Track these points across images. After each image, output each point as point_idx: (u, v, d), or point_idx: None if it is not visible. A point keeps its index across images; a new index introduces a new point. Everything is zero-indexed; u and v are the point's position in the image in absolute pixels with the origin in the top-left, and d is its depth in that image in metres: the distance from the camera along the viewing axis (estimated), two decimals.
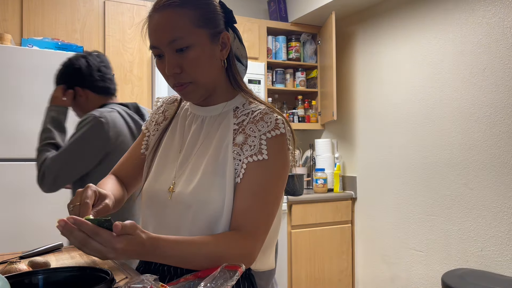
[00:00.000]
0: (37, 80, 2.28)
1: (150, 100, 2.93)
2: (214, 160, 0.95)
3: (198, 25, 0.92)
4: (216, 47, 0.96)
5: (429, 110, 2.72)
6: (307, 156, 3.68)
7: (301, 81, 3.58)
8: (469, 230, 2.46)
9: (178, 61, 0.92)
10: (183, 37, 0.90)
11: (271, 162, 0.92)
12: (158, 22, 0.92)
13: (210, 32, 0.94)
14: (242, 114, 0.99)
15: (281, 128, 0.94)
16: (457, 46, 2.55)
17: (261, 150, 0.92)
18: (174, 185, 0.98)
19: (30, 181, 2.25)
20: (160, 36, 0.92)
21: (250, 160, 0.92)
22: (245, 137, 0.95)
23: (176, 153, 1.04)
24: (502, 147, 2.30)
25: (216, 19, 0.96)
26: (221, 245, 0.87)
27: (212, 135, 0.99)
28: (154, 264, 1.00)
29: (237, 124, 0.98)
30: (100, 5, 2.82)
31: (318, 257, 3.16)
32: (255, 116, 0.96)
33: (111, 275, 0.80)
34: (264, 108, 0.98)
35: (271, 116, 0.95)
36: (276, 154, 0.93)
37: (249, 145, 0.93)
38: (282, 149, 0.94)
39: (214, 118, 1.02)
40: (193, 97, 0.98)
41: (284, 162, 0.95)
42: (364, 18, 3.27)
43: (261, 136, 0.93)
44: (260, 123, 0.95)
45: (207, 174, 0.94)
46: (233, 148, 0.95)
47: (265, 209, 0.92)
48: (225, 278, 0.77)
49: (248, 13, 3.61)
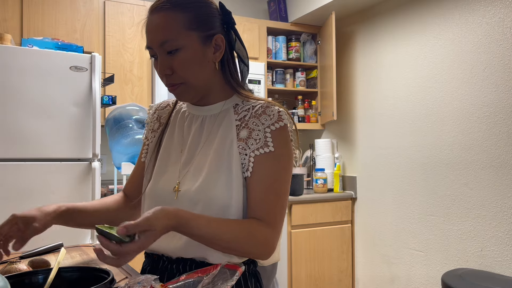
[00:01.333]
0: (37, 80, 2.28)
1: (150, 100, 2.93)
2: (219, 157, 0.96)
3: (189, 27, 0.93)
4: (208, 50, 0.97)
5: (429, 110, 2.72)
6: (307, 156, 3.68)
7: (301, 81, 3.58)
8: (469, 230, 2.46)
9: (169, 62, 0.94)
10: (173, 39, 0.92)
11: (278, 153, 0.95)
12: (152, 24, 0.94)
13: (202, 35, 0.95)
14: (242, 110, 1.00)
15: (284, 120, 0.96)
16: (457, 46, 2.55)
17: (267, 143, 0.94)
18: (179, 185, 0.98)
19: (30, 181, 2.26)
20: (153, 37, 0.94)
21: (257, 153, 0.94)
22: (249, 132, 0.96)
23: (177, 154, 1.04)
24: (502, 147, 2.30)
25: (210, 21, 0.97)
26: (249, 227, 0.90)
27: (214, 133, 1.00)
28: (162, 262, 1.00)
29: (239, 120, 0.99)
30: (100, 5, 2.82)
31: (318, 257, 3.16)
32: (256, 111, 0.98)
33: (111, 275, 0.80)
34: (264, 102, 1.00)
35: (273, 109, 0.97)
36: (281, 145, 0.96)
37: (254, 139, 0.95)
38: (287, 140, 0.97)
39: (215, 116, 1.02)
40: (185, 97, 1.00)
41: (290, 152, 0.98)
42: (364, 18, 3.27)
43: (265, 129, 0.95)
44: (263, 117, 0.96)
45: (213, 170, 0.95)
46: (238, 143, 0.96)
47: (279, 200, 0.95)
48: (225, 278, 0.77)
49: (248, 13, 3.61)
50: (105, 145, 2.89)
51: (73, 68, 2.36)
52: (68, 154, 2.35)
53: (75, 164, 2.36)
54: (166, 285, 0.76)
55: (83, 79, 2.39)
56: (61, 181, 2.32)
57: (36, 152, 2.27)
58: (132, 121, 2.54)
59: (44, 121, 2.28)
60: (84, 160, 2.39)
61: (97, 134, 2.39)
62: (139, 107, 2.66)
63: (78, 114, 2.37)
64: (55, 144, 2.31)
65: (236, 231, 0.88)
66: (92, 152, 2.39)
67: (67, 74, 2.35)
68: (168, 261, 0.98)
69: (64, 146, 2.33)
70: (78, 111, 2.37)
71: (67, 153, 2.34)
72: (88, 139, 2.39)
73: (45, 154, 2.29)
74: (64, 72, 2.34)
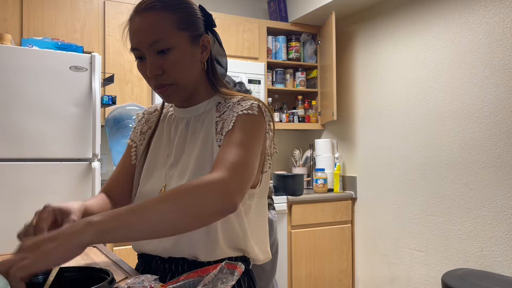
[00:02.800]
0: (37, 80, 2.28)
1: (150, 100, 2.93)
2: (202, 155, 0.97)
3: (179, 27, 0.94)
4: (196, 50, 0.97)
5: (429, 110, 2.72)
6: (307, 156, 3.68)
7: (301, 81, 3.58)
8: (469, 230, 2.46)
9: (159, 62, 0.93)
10: (164, 39, 0.92)
11: (236, 128, 0.91)
12: (140, 25, 0.93)
13: (191, 35, 0.96)
14: (224, 107, 1.01)
15: (254, 111, 0.94)
16: (457, 46, 2.55)
17: (230, 124, 0.92)
18: (165, 187, 0.99)
19: (30, 181, 2.26)
20: (142, 38, 0.92)
21: (224, 136, 0.93)
22: (222, 123, 0.97)
23: (164, 158, 1.05)
24: (502, 147, 2.30)
25: (196, 22, 0.98)
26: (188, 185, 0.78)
27: (197, 133, 1.01)
28: (154, 262, 1.00)
29: (219, 116, 1.00)
30: (100, 5, 2.82)
31: (318, 257, 3.16)
32: (234, 104, 0.98)
33: (111, 275, 0.80)
34: (243, 96, 1.00)
35: (247, 101, 0.97)
36: (243, 125, 0.91)
37: (226, 128, 0.93)
38: (251, 125, 0.92)
39: (198, 117, 1.03)
40: (174, 99, 1.00)
41: (253, 134, 0.91)
42: (364, 18, 3.27)
43: (233, 114, 0.94)
44: (236, 107, 0.96)
45: (197, 169, 0.95)
46: (216, 137, 0.97)
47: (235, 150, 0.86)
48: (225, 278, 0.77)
49: (248, 13, 3.61)
50: (105, 145, 2.89)
51: (73, 68, 2.36)
52: (68, 154, 2.34)
53: (75, 164, 2.36)
54: (166, 285, 0.76)
55: (83, 79, 2.39)
56: (61, 181, 2.32)
57: (36, 152, 2.27)
58: (132, 121, 2.54)
59: (44, 121, 2.28)
60: (84, 160, 2.39)
61: (97, 134, 2.39)
62: (139, 107, 2.66)
63: (78, 114, 2.37)
64: (55, 144, 2.31)
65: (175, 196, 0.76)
66: (92, 152, 2.39)
67: (67, 74, 2.35)
68: (161, 260, 0.99)
69: (64, 146, 2.33)
70: (78, 111, 2.37)
71: (67, 153, 2.34)
72: (88, 139, 2.39)
73: (45, 154, 2.29)
74: (64, 72, 2.34)
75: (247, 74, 3.19)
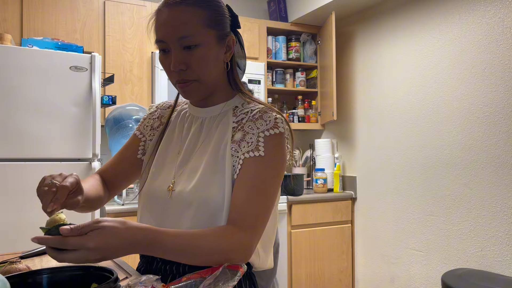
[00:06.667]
0: (37, 80, 2.28)
1: (150, 100, 2.93)
2: (214, 158, 0.96)
3: (208, 25, 0.93)
4: (221, 49, 0.97)
5: (429, 110, 2.72)
6: (307, 156, 3.68)
7: (301, 81, 3.58)
8: (469, 230, 2.46)
9: (185, 58, 0.93)
10: (193, 35, 0.91)
11: (267, 158, 0.93)
12: (169, 18, 0.92)
13: (218, 34, 0.95)
14: (241, 113, 1.00)
15: (280, 127, 0.94)
16: (457, 46, 2.55)
17: (258, 147, 0.93)
18: (174, 184, 0.99)
19: (30, 181, 2.26)
20: (170, 31, 0.92)
21: (247, 156, 0.93)
22: (243, 134, 0.96)
23: (174, 155, 1.04)
24: (502, 147, 2.30)
25: (224, 21, 0.97)
26: (220, 237, 0.85)
27: (211, 135, 1.00)
28: (156, 263, 1.00)
29: (236, 122, 0.99)
30: (100, 5, 2.82)
31: (318, 257, 3.16)
32: (254, 115, 0.97)
33: (115, 274, 0.80)
34: (263, 107, 0.99)
35: (270, 115, 0.96)
36: (273, 151, 0.93)
37: (247, 142, 0.94)
38: (280, 148, 0.95)
39: (214, 118, 1.03)
40: (194, 96, 0.99)
41: (281, 160, 0.95)
42: (364, 18, 3.27)
43: (259, 133, 0.94)
44: (259, 121, 0.95)
45: (207, 172, 0.95)
46: (231, 145, 0.96)
47: (262, 202, 0.92)
48: (226, 278, 0.77)
49: (248, 13, 3.61)
50: (105, 145, 2.88)
51: (73, 68, 2.36)
52: (68, 154, 2.34)
53: (75, 164, 2.36)
54: (168, 286, 0.76)
55: (83, 79, 2.39)
56: None
57: (36, 152, 2.27)
58: (132, 121, 2.54)
59: (44, 121, 2.28)
60: (84, 160, 2.39)
61: (97, 134, 2.39)
62: (139, 107, 2.66)
63: (78, 114, 2.37)
64: (55, 144, 2.31)
65: (208, 240, 0.84)
66: (92, 152, 2.38)
67: (67, 74, 2.35)
68: (162, 262, 0.99)
69: (64, 146, 2.33)
70: (78, 111, 2.37)
71: (67, 153, 2.34)
72: (88, 139, 2.39)
73: (45, 154, 2.29)
74: (64, 72, 2.34)
75: (247, 74, 3.19)
